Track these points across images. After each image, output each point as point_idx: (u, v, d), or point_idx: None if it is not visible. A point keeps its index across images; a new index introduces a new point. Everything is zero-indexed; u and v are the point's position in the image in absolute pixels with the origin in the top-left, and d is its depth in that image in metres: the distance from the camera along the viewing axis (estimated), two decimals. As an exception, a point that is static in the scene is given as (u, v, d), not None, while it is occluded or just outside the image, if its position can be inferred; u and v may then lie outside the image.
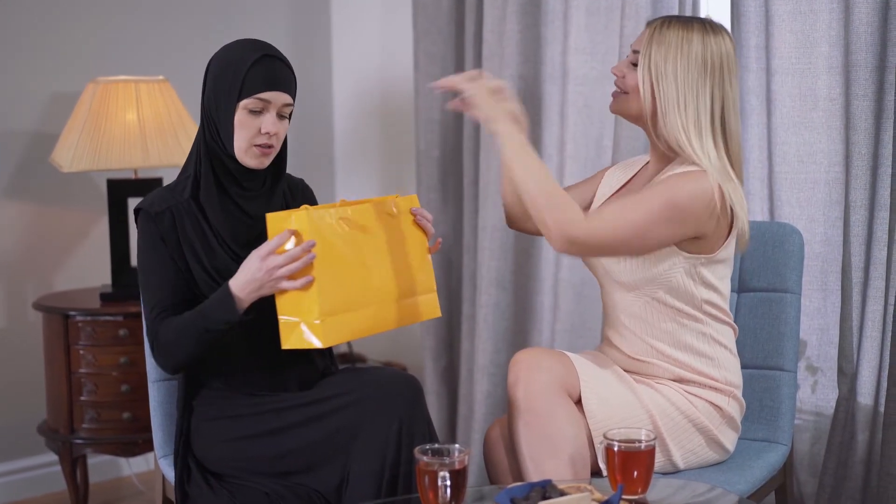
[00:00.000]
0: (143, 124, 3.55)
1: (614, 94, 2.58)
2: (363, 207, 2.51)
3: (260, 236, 2.52)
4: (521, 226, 2.78)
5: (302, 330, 2.40)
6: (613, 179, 2.73)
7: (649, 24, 2.52)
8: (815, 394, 3.19)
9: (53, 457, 3.91)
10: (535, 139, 3.70)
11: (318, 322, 2.38)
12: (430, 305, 2.65)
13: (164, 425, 2.73)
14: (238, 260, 2.48)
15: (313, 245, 2.38)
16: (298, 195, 2.70)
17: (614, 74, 2.58)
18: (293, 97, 2.52)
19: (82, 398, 3.57)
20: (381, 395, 2.44)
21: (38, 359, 3.82)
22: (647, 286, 2.54)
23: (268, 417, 2.50)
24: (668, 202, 2.42)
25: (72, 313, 3.55)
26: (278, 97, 2.48)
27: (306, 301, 2.39)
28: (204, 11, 4.13)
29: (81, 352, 3.56)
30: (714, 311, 2.58)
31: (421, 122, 4.01)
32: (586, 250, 2.47)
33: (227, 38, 2.61)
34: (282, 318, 2.41)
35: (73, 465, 3.62)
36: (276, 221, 2.41)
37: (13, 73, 3.82)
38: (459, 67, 3.96)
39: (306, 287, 2.38)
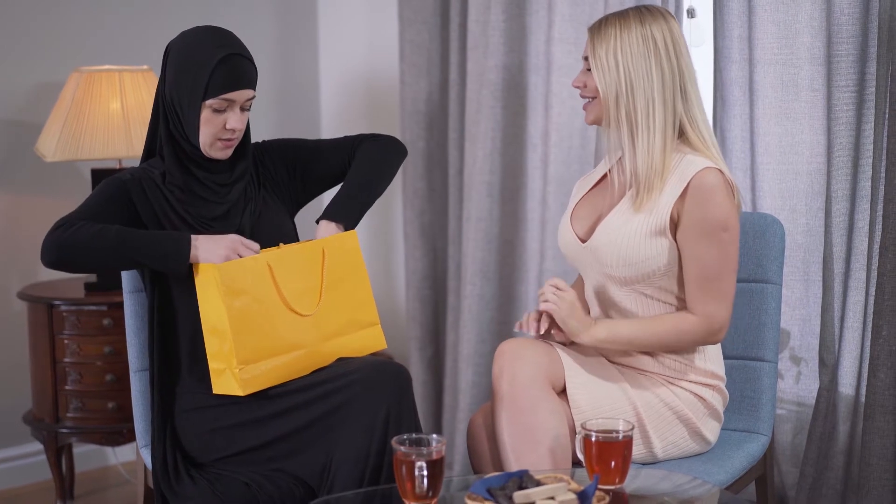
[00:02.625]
0: (127, 114, 3.55)
1: (585, 106, 2.63)
2: (291, 250, 2.56)
3: (224, 214, 2.60)
4: None
5: (227, 376, 2.48)
6: (584, 184, 2.77)
7: (589, 29, 2.60)
8: (798, 384, 3.20)
9: (39, 446, 3.92)
10: (520, 130, 3.71)
11: (237, 370, 2.45)
12: (373, 338, 2.69)
13: (144, 415, 2.75)
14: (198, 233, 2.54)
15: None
16: (266, 159, 2.74)
17: (575, 87, 2.64)
18: (255, 88, 2.57)
19: (67, 387, 3.58)
20: (370, 382, 2.46)
21: (23, 348, 3.82)
22: (639, 283, 2.56)
23: (253, 406, 2.51)
24: (718, 231, 2.49)
25: (56, 303, 3.55)
26: (242, 94, 2.54)
27: (227, 349, 2.46)
28: (189, 1, 4.13)
29: (66, 341, 3.56)
30: None
31: (406, 113, 4.01)
32: (721, 325, 2.53)
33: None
34: (211, 364, 2.50)
35: (59, 454, 3.63)
36: (200, 270, 2.47)
37: (-4, 62, 3.83)
38: (444, 57, 3.96)
39: (226, 337, 2.45)
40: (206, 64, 2.49)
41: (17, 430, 3.92)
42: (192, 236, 2.47)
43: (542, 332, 2.56)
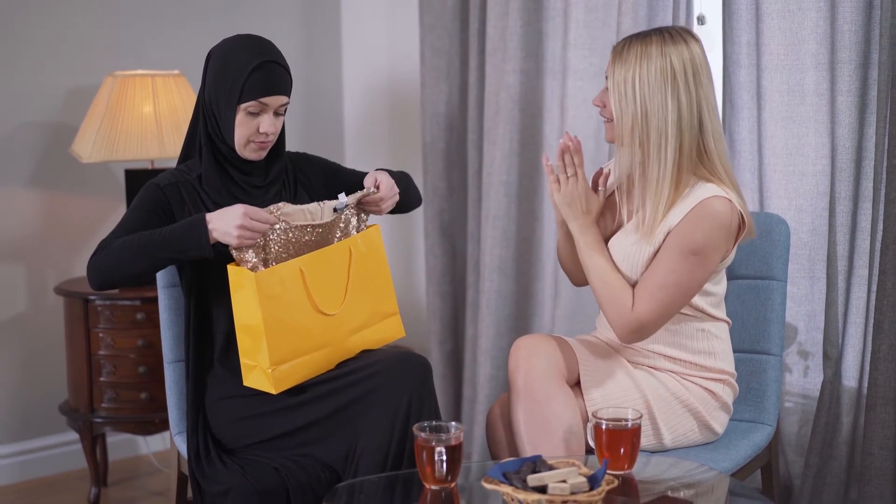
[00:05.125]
0: (159, 117, 3.66)
1: (605, 124, 2.67)
2: (321, 254, 2.65)
3: None
4: (583, 283, 2.91)
5: (258, 374, 2.59)
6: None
7: (613, 48, 2.61)
8: (806, 378, 3.30)
9: (74, 435, 4.04)
10: (537, 132, 3.82)
11: (270, 370, 2.57)
12: (393, 328, 2.82)
13: (178, 404, 2.87)
14: None
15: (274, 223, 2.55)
16: (305, 168, 2.85)
17: (596, 106, 2.68)
18: (289, 95, 2.68)
19: (102, 379, 3.70)
20: (393, 372, 2.58)
21: (60, 341, 3.95)
22: None
23: (282, 395, 2.63)
24: (688, 253, 2.55)
25: (91, 298, 3.67)
26: (276, 100, 2.65)
27: (261, 350, 2.57)
28: (218, 7, 4.24)
29: (101, 334, 3.69)
30: (711, 310, 2.70)
31: (427, 115, 4.12)
32: (648, 332, 2.61)
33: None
34: (243, 360, 2.61)
35: (93, 443, 3.75)
36: (235, 273, 2.57)
37: (34, 67, 3.93)
38: (464, 62, 4.07)
39: (259, 338, 2.55)
40: (243, 69, 2.61)
41: (53, 420, 4.05)
42: (206, 216, 2.54)
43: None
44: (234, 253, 2.55)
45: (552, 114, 3.76)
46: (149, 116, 3.66)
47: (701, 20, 3.37)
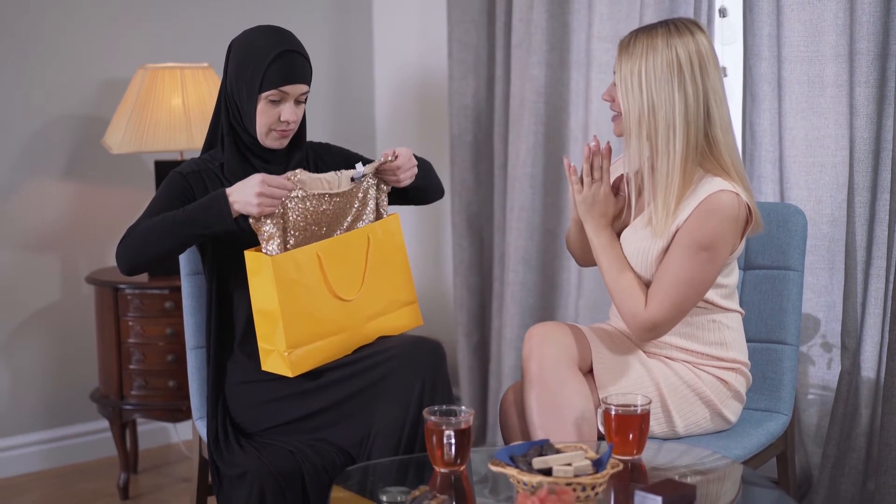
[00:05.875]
0: (188, 108, 3.71)
1: (613, 119, 2.69)
2: (340, 239, 2.69)
3: None
4: (589, 263, 2.94)
5: (276, 358, 2.63)
6: (616, 171, 2.84)
7: (620, 42, 2.63)
8: (829, 370, 3.30)
9: (105, 423, 4.10)
10: (562, 124, 3.84)
11: (286, 353, 2.60)
12: (410, 316, 2.85)
13: (200, 389, 2.92)
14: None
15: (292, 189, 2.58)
16: (326, 157, 2.89)
17: (605, 100, 2.70)
18: (309, 84, 2.72)
19: (131, 367, 3.77)
20: (407, 357, 2.62)
21: (92, 330, 4.02)
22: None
23: (299, 380, 2.67)
24: (698, 249, 2.56)
25: (121, 286, 3.74)
26: (296, 88, 2.69)
27: (278, 334, 2.60)
28: (250, 1, 4.31)
29: (130, 323, 3.75)
30: (722, 302, 2.71)
31: (455, 109, 4.16)
32: (663, 330, 2.63)
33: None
34: (260, 344, 2.65)
35: (123, 430, 3.82)
36: (252, 259, 2.61)
37: (68, 60, 4.00)
38: (490, 55, 4.10)
39: (276, 322, 2.59)
40: (264, 58, 2.66)
41: (85, 408, 4.12)
42: (227, 190, 2.58)
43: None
44: (252, 224, 2.58)
45: (577, 106, 3.78)
46: (177, 108, 3.71)
47: (723, 12, 3.38)
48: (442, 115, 4.43)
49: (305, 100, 2.74)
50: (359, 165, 2.73)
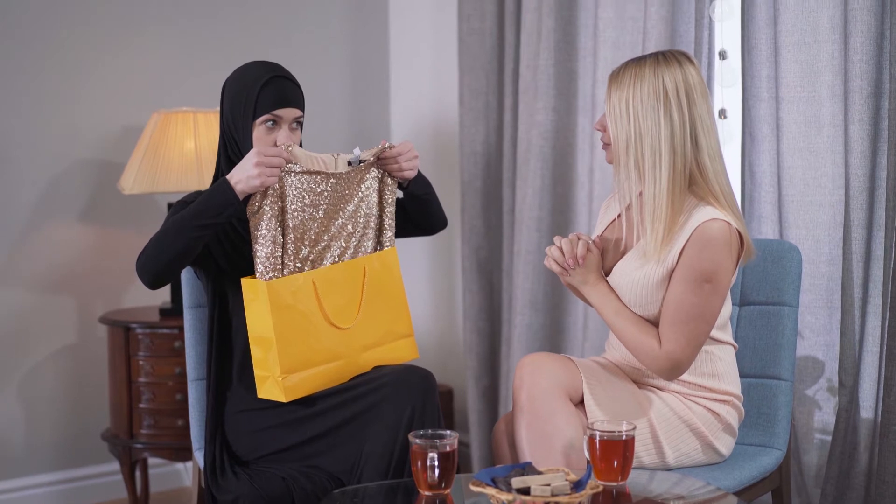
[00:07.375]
0: (200, 151, 3.78)
1: (604, 147, 2.73)
2: (335, 268, 2.74)
3: None
4: None
5: (270, 383, 2.67)
6: (611, 210, 2.88)
7: (610, 74, 2.68)
8: (836, 414, 3.28)
9: (117, 465, 4.13)
10: (568, 168, 3.89)
11: (280, 378, 2.65)
12: (407, 349, 2.89)
13: (199, 420, 2.95)
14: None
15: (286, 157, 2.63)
16: None
17: (597, 129, 2.74)
18: (302, 109, 2.78)
19: (141, 405, 3.82)
20: (397, 384, 2.65)
21: (105, 372, 4.07)
22: (655, 319, 2.70)
23: (293, 407, 2.72)
24: (701, 282, 2.59)
25: (133, 326, 3.80)
26: (289, 112, 2.75)
27: (272, 358, 2.65)
28: (263, 48, 4.36)
29: (141, 362, 3.81)
30: (715, 333, 2.73)
31: (465, 155, 4.21)
32: (684, 366, 2.66)
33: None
34: (256, 371, 2.69)
35: (133, 469, 3.86)
36: (248, 286, 2.66)
37: (87, 107, 4.09)
38: (500, 102, 4.16)
39: (270, 347, 2.63)
40: (255, 85, 2.73)
41: (97, 449, 4.16)
42: (227, 176, 2.62)
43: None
44: (250, 210, 2.61)
45: (583, 150, 3.83)
46: (190, 151, 3.78)
47: (723, 55, 3.42)
48: (454, 162, 4.48)
49: (301, 127, 2.79)
50: (356, 150, 2.76)
